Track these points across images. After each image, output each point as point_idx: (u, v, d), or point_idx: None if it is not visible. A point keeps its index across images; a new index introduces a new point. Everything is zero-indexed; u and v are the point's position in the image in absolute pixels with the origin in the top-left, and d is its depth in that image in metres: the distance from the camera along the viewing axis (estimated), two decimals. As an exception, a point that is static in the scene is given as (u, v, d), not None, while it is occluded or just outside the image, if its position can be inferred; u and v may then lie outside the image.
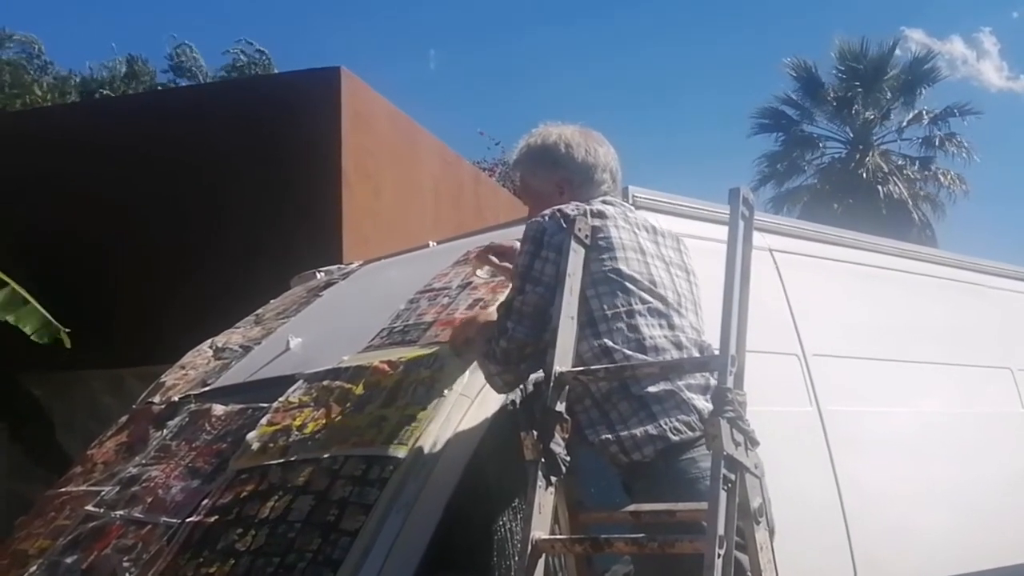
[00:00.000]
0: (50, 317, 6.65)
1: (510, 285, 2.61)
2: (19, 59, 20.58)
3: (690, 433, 2.29)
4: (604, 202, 2.61)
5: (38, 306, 6.66)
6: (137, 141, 7.83)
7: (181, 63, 20.99)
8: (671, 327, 2.44)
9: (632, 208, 2.71)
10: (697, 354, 2.44)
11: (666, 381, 2.33)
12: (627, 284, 2.44)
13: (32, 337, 6.66)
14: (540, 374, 2.30)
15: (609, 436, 2.31)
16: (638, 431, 2.29)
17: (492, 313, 2.71)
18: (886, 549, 3.31)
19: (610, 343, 2.37)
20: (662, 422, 2.29)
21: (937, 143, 23.21)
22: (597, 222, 2.50)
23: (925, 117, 23.39)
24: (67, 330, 6.70)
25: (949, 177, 23.29)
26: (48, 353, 6.77)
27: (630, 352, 2.36)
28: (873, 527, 3.29)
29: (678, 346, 2.42)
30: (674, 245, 2.67)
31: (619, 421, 2.32)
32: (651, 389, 2.32)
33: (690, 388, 2.35)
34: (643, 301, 2.43)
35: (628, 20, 44.46)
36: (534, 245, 2.48)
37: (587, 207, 2.52)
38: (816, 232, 4.10)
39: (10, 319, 6.61)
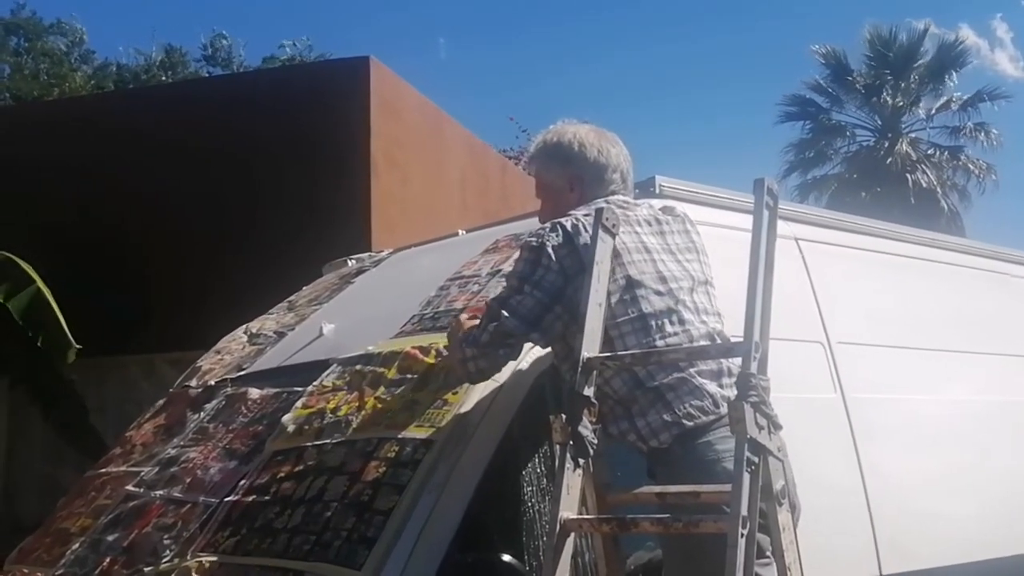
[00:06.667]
0: (66, 330, 6.75)
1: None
2: (57, 48, 20.75)
3: (704, 418, 2.39)
4: (606, 202, 2.66)
5: (59, 314, 6.76)
6: (170, 129, 7.94)
7: (216, 53, 21.12)
8: (681, 322, 2.52)
9: (634, 203, 2.75)
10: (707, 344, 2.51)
11: (677, 370, 2.42)
12: (635, 290, 2.51)
13: (42, 347, 6.79)
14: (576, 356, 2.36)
15: (627, 426, 2.42)
16: (654, 420, 2.40)
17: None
18: (909, 535, 3.35)
19: (623, 346, 2.45)
20: (676, 409, 2.39)
21: (968, 132, 22.90)
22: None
23: (954, 104, 23.08)
24: (79, 347, 6.81)
25: (978, 165, 23.02)
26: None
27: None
28: (896, 513, 3.33)
29: (690, 342, 2.49)
30: (680, 228, 2.73)
31: (638, 413, 2.42)
32: (664, 380, 2.42)
33: (701, 375, 2.44)
34: (651, 304, 2.51)
35: (657, 8, 44.24)
36: (534, 254, 2.55)
37: (581, 219, 2.56)
38: (841, 221, 4.13)
39: (29, 328, 6.73)
